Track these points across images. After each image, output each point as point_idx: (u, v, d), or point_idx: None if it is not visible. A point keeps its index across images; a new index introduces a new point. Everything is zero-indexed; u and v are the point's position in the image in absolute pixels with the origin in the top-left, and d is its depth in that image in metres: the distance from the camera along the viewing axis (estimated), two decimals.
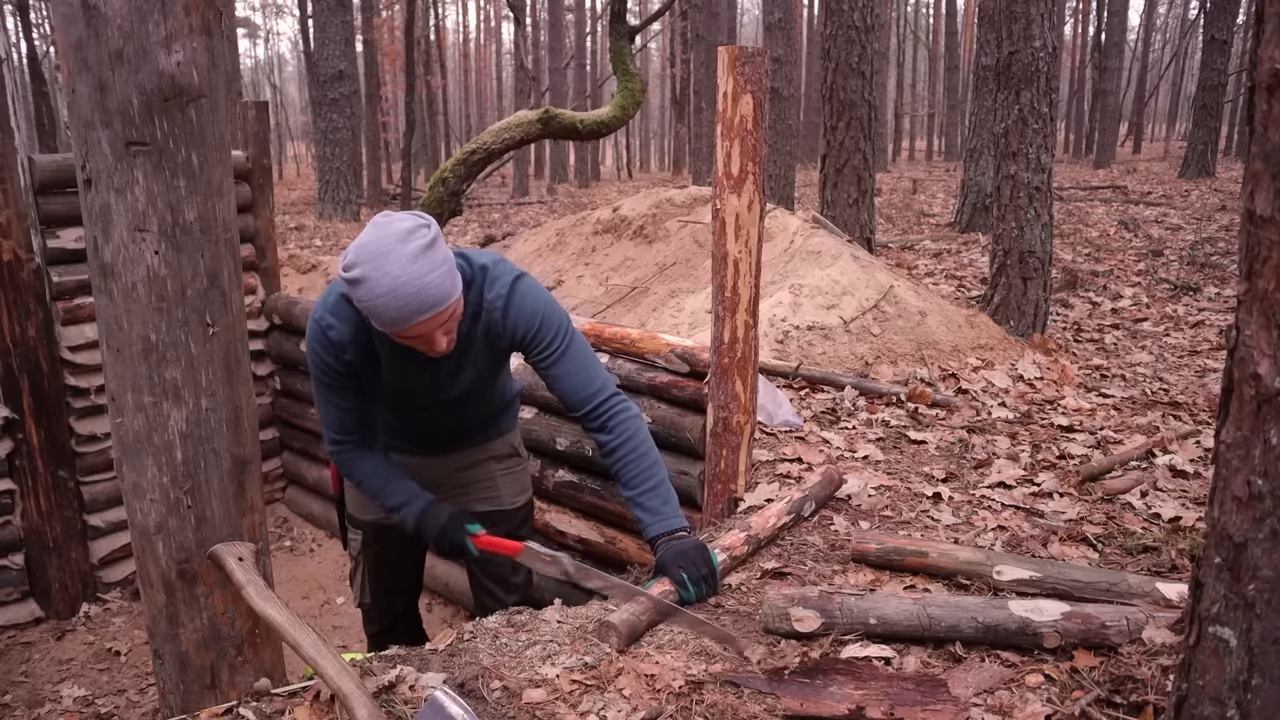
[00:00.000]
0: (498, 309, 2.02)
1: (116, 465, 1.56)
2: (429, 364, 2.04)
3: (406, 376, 2.07)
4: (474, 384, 2.17)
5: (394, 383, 2.09)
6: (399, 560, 2.48)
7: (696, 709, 1.53)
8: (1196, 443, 3.00)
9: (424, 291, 1.74)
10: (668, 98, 33.49)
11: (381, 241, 1.74)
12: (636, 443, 2.06)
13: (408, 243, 1.74)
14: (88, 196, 1.44)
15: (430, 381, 2.10)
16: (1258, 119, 1.01)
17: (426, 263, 1.75)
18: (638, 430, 2.07)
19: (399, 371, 2.05)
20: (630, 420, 2.07)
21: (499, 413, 2.39)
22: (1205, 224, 9.79)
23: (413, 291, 1.73)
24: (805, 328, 3.96)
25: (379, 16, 21.68)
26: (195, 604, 1.59)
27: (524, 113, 7.33)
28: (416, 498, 2.14)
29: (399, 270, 1.72)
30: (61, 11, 1.37)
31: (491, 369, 2.18)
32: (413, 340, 1.85)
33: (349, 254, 1.76)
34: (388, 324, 1.78)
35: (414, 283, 1.72)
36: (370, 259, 1.73)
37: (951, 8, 27.49)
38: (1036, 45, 4.92)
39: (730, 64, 2.21)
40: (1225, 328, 5.29)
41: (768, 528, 2.21)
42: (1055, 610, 1.70)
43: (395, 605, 2.55)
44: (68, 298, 3.53)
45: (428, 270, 1.74)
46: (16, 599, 3.49)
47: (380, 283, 1.71)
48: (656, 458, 2.08)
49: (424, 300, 1.75)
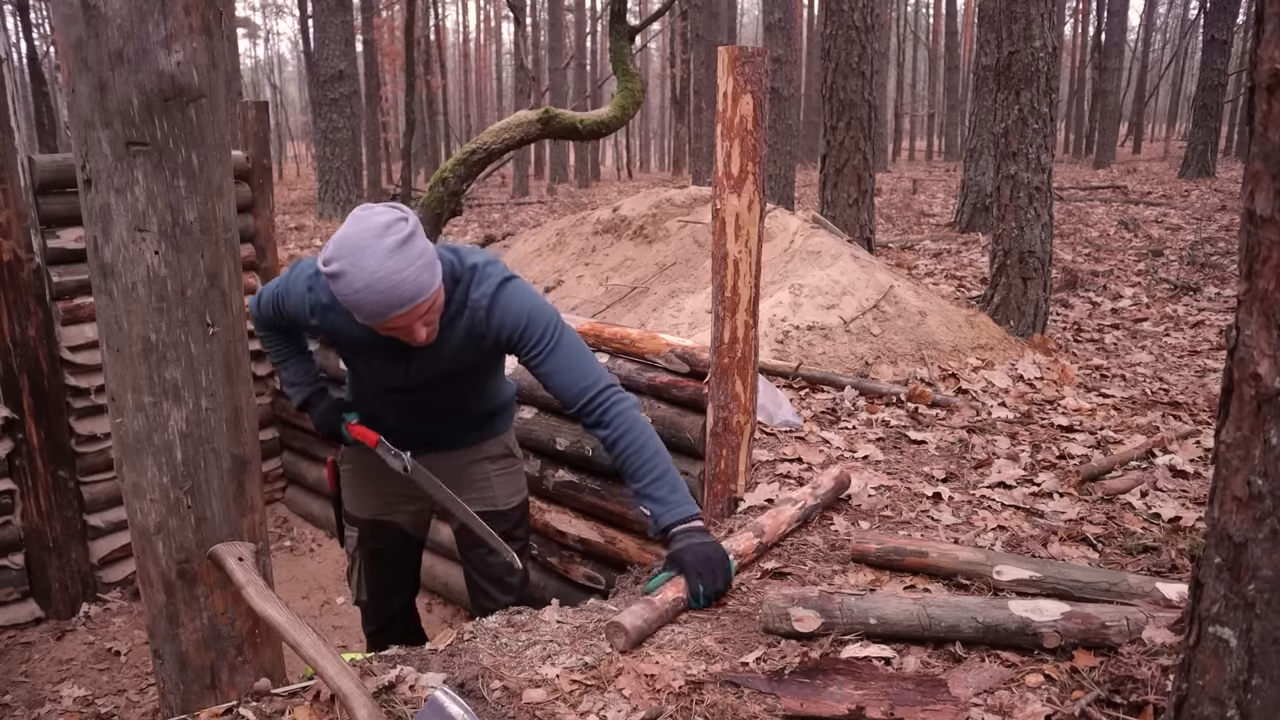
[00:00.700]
0: (482, 308, 2.02)
1: (116, 465, 1.56)
2: (408, 353, 2.07)
3: (387, 360, 2.12)
4: (453, 375, 2.17)
5: (372, 362, 2.15)
6: (395, 558, 2.48)
7: (696, 709, 1.53)
8: (1196, 443, 3.00)
9: (400, 286, 1.76)
10: (668, 98, 33.49)
11: (360, 236, 1.76)
12: (636, 433, 2.03)
13: (384, 237, 1.75)
14: (88, 196, 1.44)
15: (406, 369, 2.13)
16: (1258, 119, 1.01)
17: (403, 257, 1.76)
18: (636, 420, 2.05)
19: (379, 354, 2.10)
20: (627, 411, 2.05)
21: (492, 413, 2.39)
22: (1205, 224, 9.79)
23: (389, 286, 1.75)
24: (805, 328, 3.96)
25: (379, 16, 21.68)
26: (195, 604, 1.59)
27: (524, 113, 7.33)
28: (308, 383, 2.33)
29: (376, 265, 1.74)
30: (61, 11, 1.37)
31: (473, 367, 2.18)
32: (394, 331, 1.89)
33: (328, 248, 1.78)
34: (367, 317, 1.82)
35: (391, 277, 1.74)
36: (349, 254, 1.75)
37: (951, 8, 27.49)
38: (1036, 45, 4.92)
39: (730, 64, 2.21)
40: (1225, 328, 5.29)
41: (779, 533, 2.21)
42: (1055, 610, 1.70)
43: (392, 603, 2.55)
44: (68, 298, 3.53)
45: (404, 265, 1.76)
46: (16, 599, 3.49)
47: (358, 278, 1.74)
48: (659, 446, 2.05)
49: (401, 295, 1.77)
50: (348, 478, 2.45)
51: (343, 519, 2.49)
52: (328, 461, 2.50)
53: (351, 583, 2.52)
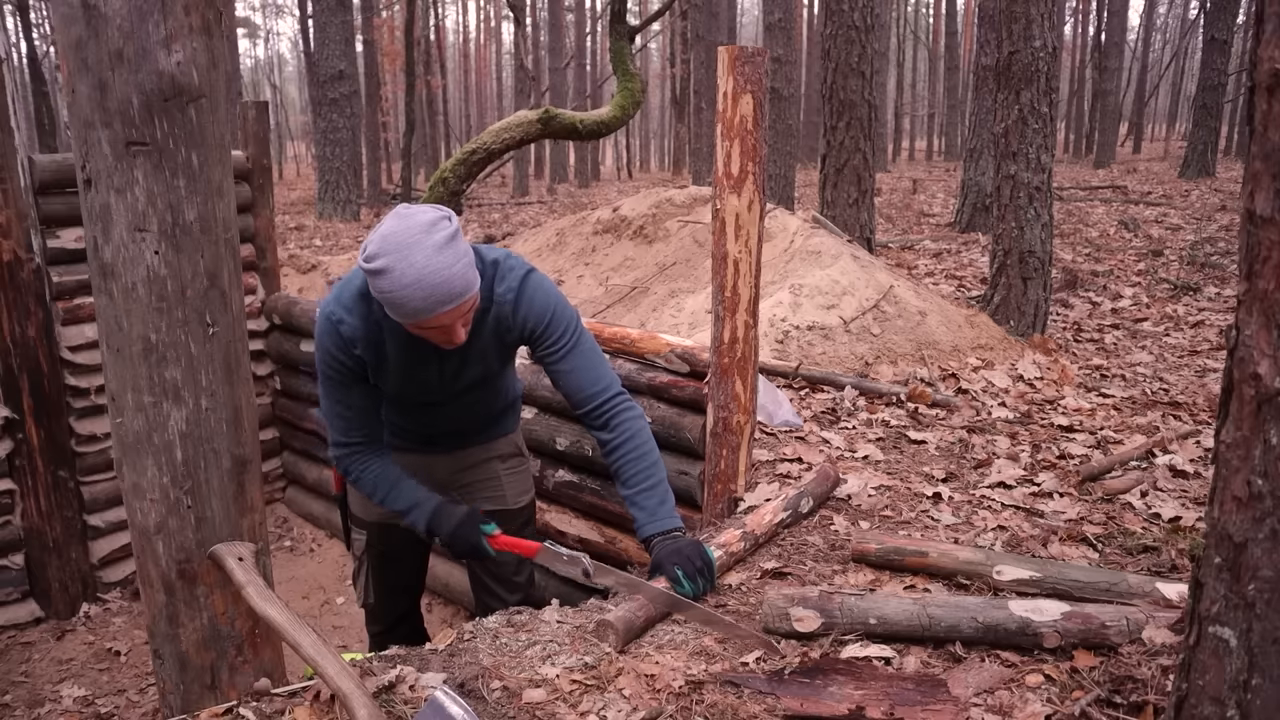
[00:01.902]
0: (508, 303, 2.03)
1: (116, 465, 1.56)
2: (438, 358, 2.05)
3: (415, 371, 2.07)
4: (482, 378, 2.17)
5: (403, 379, 2.08)
6: (403, 559, 2.48)
7: (696, 709, 1.53)
8: (1196, 443, 3.00)
9: (450, 282, 1.75)
10: (668, 98, 33.48)
11: (407, 232, 1.75)
12: (638, 442, 2.06)
13: (432, 234, 1.75)
14: (88, 196, 1.44)
15: (439, 376, 2.10)
16: (1258, 119, 1.01)
17: (451, 254, 1.76)
18: (640, 430, 2.08)
19: (409, 367, 2.05)
20: (633, 420, 2.07)
21: (503, 411, 2.39)
22: (1205, 224, 9.79)
23: (439, 282, 1.74)
24: (805, 328, 3.96)
25: (379, 16, 21.68)
26: (195, 604, 1.59)
27: (524, 113, 7.33)
28: (427, 499, 2.12)
29: (424, 261, 1.73)
30: (61, 11, 1.37)
31: (499, 363, 2.19)
32: (431, 332, 1.86)
33: (371, 245, 1.76)
34: (410, 314, 1.78)
35: (440, 273, 1.74)
36: (395, 249, 1.73)
37: (951, 8, 27.48)
38: (1036, 45, 4.92)
39: (730, 64, 2.21)
40: (1225, 328, 5.29)
41: (764, 525, 2.22)
42: (1055, 610, 1.70)
43: (399, 605, 2.55)
44: (68, 298, 3.53)
45: (453, 261, 1.76)
46: (16, 599, 3.49)
47: (406, 273, 1.72)
48: (657, 458, 2.08)
49: (450, 290, 1.76)
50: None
51: (349, 522, 2.47)
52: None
53: (358, 585, 2.50)
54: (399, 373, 2.06)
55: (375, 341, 1.99)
